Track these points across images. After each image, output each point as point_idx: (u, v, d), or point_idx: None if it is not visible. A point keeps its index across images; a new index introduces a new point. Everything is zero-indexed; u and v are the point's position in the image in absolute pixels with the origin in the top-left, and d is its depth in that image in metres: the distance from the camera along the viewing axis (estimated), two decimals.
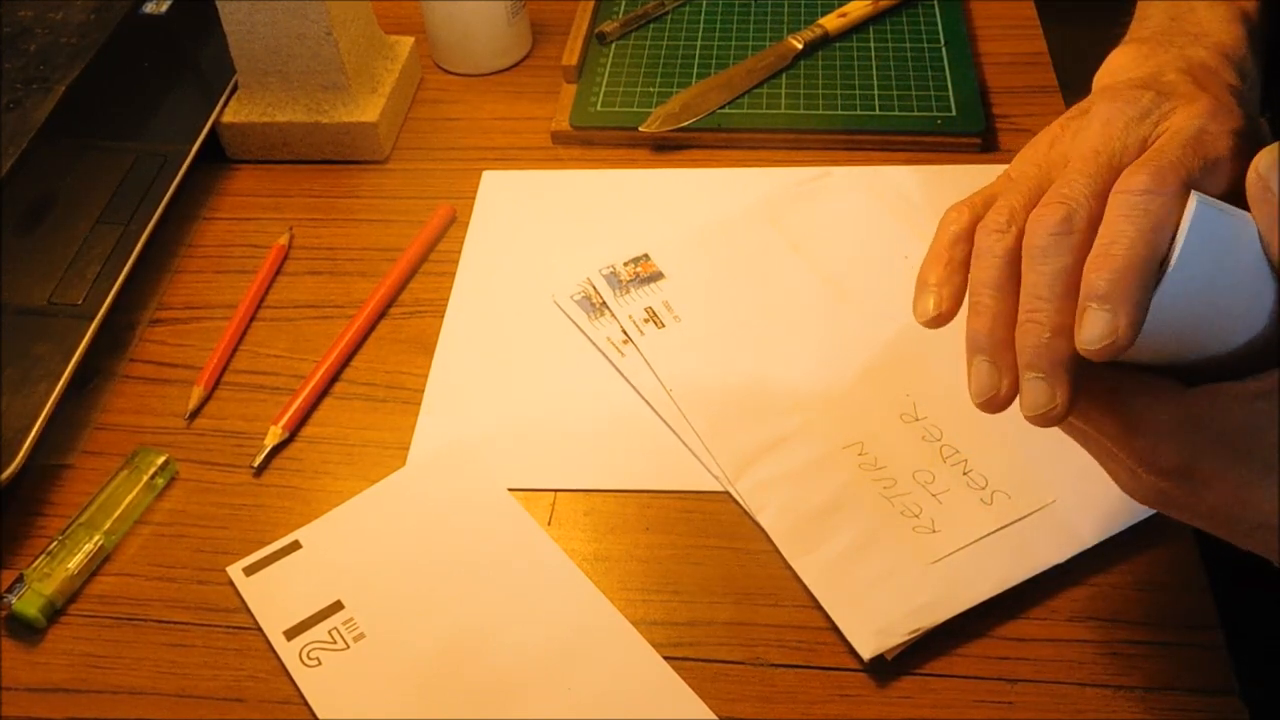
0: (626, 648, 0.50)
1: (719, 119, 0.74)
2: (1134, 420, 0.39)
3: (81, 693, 0.51)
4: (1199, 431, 0.38)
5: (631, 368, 0.61)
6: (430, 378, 0.62)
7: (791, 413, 0.58)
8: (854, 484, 0.54)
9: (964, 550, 0.52)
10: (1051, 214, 0.39)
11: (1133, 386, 0.39)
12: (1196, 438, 0.38)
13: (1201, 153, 0.38)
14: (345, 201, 0.73)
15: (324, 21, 0.71)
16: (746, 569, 0.53)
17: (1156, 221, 0.37)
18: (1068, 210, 0.39)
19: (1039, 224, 0.39)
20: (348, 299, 0.66)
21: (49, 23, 0.79)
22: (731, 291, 0.64)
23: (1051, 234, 0.38)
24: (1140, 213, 0.37)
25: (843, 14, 0.80)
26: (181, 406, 0.61)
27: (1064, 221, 0.38)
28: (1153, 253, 0.37)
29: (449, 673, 0.50)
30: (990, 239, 0.40)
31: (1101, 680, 0.48)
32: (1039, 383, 0.38)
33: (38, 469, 0.58)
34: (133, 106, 0.74)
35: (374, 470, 0.58)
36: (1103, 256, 0.37)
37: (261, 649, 0.51)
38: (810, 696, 0.48)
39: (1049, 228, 0.38)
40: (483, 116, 0.78)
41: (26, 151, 0.69)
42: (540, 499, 0.56)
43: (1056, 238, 0.38)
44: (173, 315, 0.66)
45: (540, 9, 0.85)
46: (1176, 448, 0.38)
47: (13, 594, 0.52)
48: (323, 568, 0.54)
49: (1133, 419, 0.39)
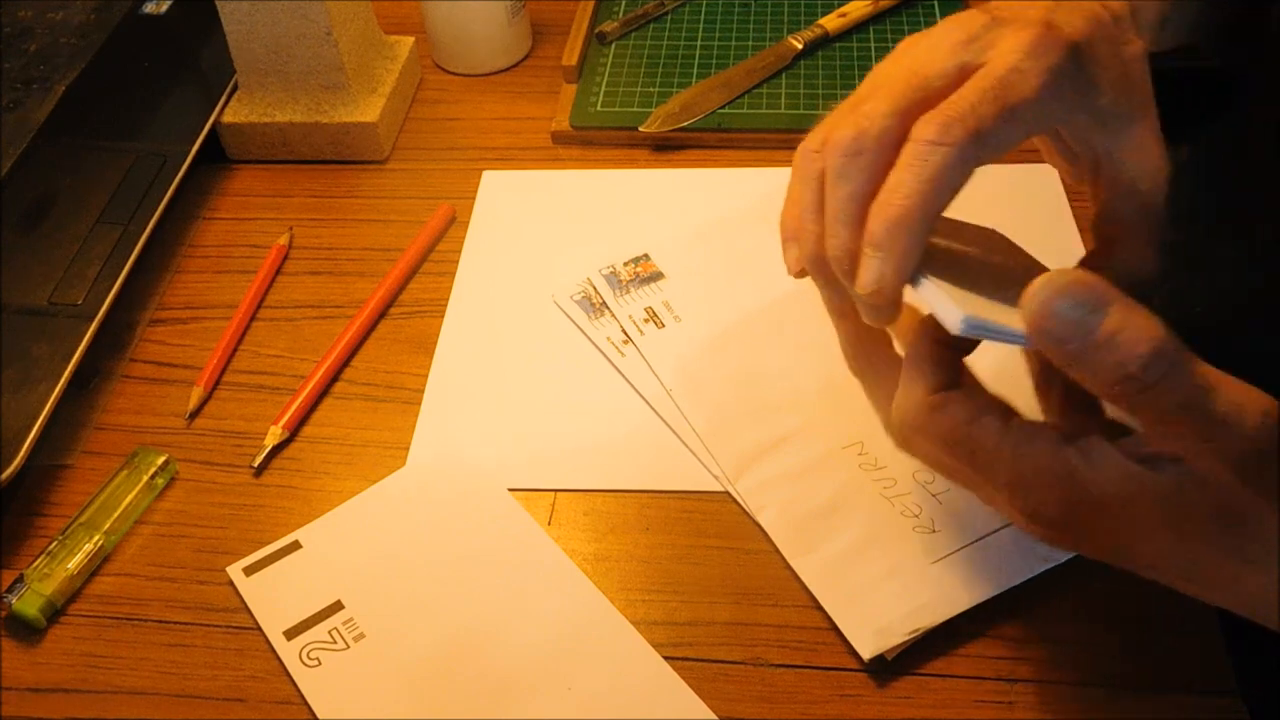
0: (626, 648, 0.50)
1: (719, 119, 0.74)
2: (1012, 471, 0.38)
3: (81, 693, 0.51)
4: (1075, 489, 0.37)
5: (631, 368, 0.61)
6: (430, 378, 0.62)
7: (791, 413, 0.58)
8: (854, 484, 0.54)
9: (964, 550, 0.52)
10: (841, 135, 0.40)
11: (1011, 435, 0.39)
12: (1073, 495, 0.37)
13: (1002, 99, 0.38)
14: (345, 201, 0.73)
15: (324, 21, 0.71)
16: (746, 569, 0.53)
17: (935, 172, 0.37)
18: (857, 131, 0.39)
19: (831, 146, 0.40)
20: (348, 299, 0.66)
21: (49, 23, 0.79)
22: (731, 291, 0.64)
23: (841, 155, 0.40)
24: (921, 163, 0.38)
25: (843, 14, 0.80)
26: (181, 406, 0.61)
27: (854, 141, 0.39)
28: (930, 204, 0.38)
29: (449, 673, 0.50)
30: (804, 161, 0.42)
31: (1101, 680, 0.48)
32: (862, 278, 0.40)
33: (38, 469, 0.59)
34: (133, 106, 0.74)
35: (374, 470, 0.58)
36: (882, 204, 0.38)
37: (261, 649, 0.51)
38: (810, 696, 0.48)
39: (838, 149, 0.40)
40: (483, 116, 0.78)
41: (26, 151, 0.69)
42: (540, 499, 0.56)
43: (846, 159, 0.39)
44: (173, 315, 0.67)
45: (540, 9, 0.85)
46: (1055, 502, 0.38)
47: (13, 594, 0.52)
48: (323, 568, 0.54)
49: (1012, 471, 0.38)
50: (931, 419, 0.40)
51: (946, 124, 0.38)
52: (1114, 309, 0.34)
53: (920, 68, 0.40)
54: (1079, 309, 0.34)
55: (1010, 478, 0.39)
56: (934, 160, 0.38)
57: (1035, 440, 0.38)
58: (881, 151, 0.39)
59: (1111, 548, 0.39)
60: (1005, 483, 0.39)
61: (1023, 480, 0.38)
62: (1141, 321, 0.34)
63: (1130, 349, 0.34)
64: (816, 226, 0.42)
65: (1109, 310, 0.34)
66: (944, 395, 0.40)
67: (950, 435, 0.40)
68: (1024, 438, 0.38)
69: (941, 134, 0.38)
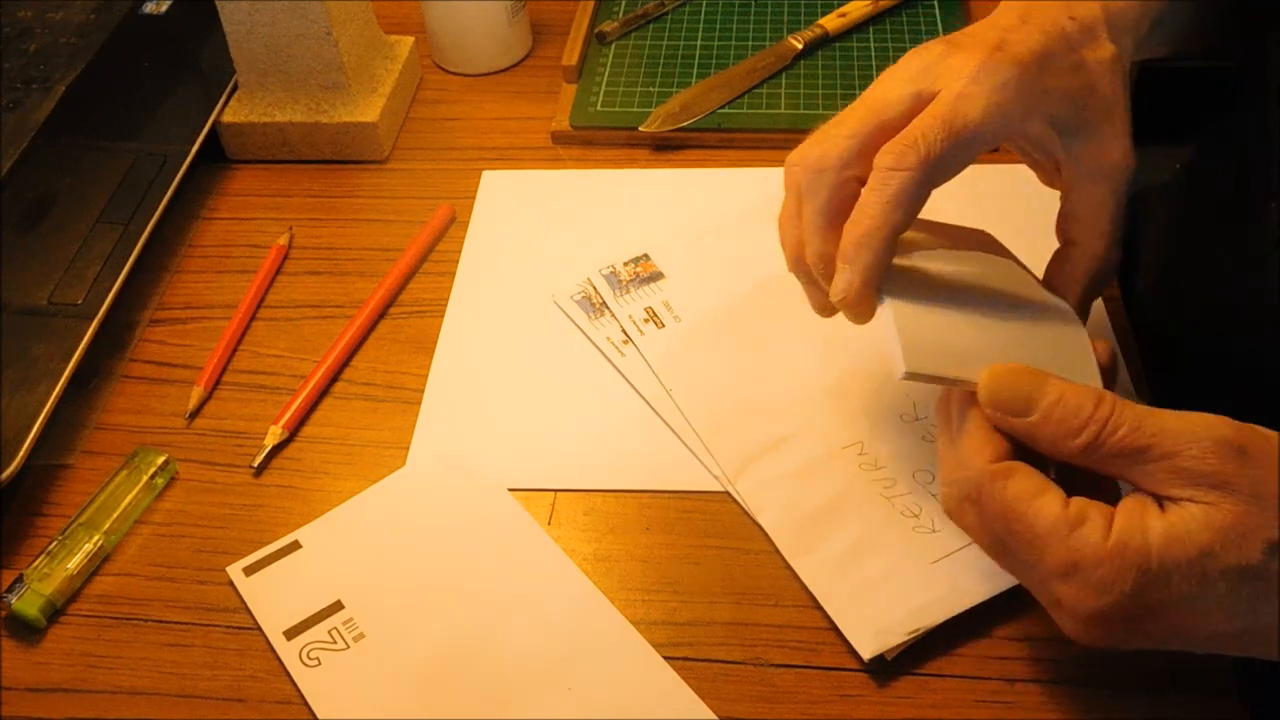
0: (626, 648, 0.50)
1: (719, 119, 0.74)
2: (1068, 554, 0.39)
3: (81, 693, 0.51)
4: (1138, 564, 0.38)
5: (631, 368, 0.61)
6: (430, 378, 0.62)
7: (791, 413, 0.58)
8: (854, 484, 0.54)
9: (964, 550, 0.52)
10: (808, 155, 0.46)
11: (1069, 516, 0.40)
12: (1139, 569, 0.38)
13: (949, 124, 0.43)
14: (345, 201, 0.73)
15: (324, 21, 0.71)
16: (746, 569, 0.53)
17: (894, 194, 0.43)
18: (821, 152, 0.46)
19: (801, 165, 0.47)
20: (348, 299, 0.66)
21: (49, 23, 0.79)
22: (731, 291, 0.64)
23: (807, 173, 0.46)
24: (882, 186, 0.43)
25: (843, 14, 0.80)
26: (181, 406, 0.61)
27: (818, 161, 0.46)
28: (891, 220, 0.43)
29: (449, 673, 0.50)
30: (787, 173, 0.48)
31: (1101, 680, 0.48)
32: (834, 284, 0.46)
33: (38, 469, 0.59)
34: (133, 106, 0.74)
35: (374, 470, 0.58)
36: (852, 222, 0.44)
37: (261, 649, 0.51)
38: (810, 696, 0.48)
39: (806, 167, 0.46)
40: (483, 116, 0.78)
41: (26, 151, 0.69)
42: (540, 499, 0.56)
43: (811, 176, 0.46)
44: (173, 315, 0.67)
45: (540, 9, 0.85)
46: (1116, 582, 0.39)
47: (13, 594, 0.52)
48: (323, 568, 0.54)
49: (1068, 553, 0.39)
50: (993, 488, 0.41)
51: (901, 153, 0.43)
52: (1052, 382, 0.41)
53: (880, 96, 0.46)
54: (1024, 385, 0.41)
55: (1065, 561, 0.39)
56: (893, 184, 0.43)
57: (1088, 521, 0.39)
58: (841, 170, 0.45)
59: (1186, 626, 0.39)
60: (1058, 567, 0.39)
61: (1080, 566, 0.39)
62: (1078, 389, 0.40)
63: (1074, 411, 0.40)
64: (795, 232, 0.48)
65: (1049, 383, 0.41)
66: (1009, 465, 0.41)
67: (1011, 510, 0.40)
68: (1078, 519, 0.39)
69: (897, 161, 0.43)
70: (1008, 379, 0.42)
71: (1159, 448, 0.39)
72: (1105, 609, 0.39)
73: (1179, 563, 0.38)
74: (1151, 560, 0.38)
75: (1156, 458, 0.39)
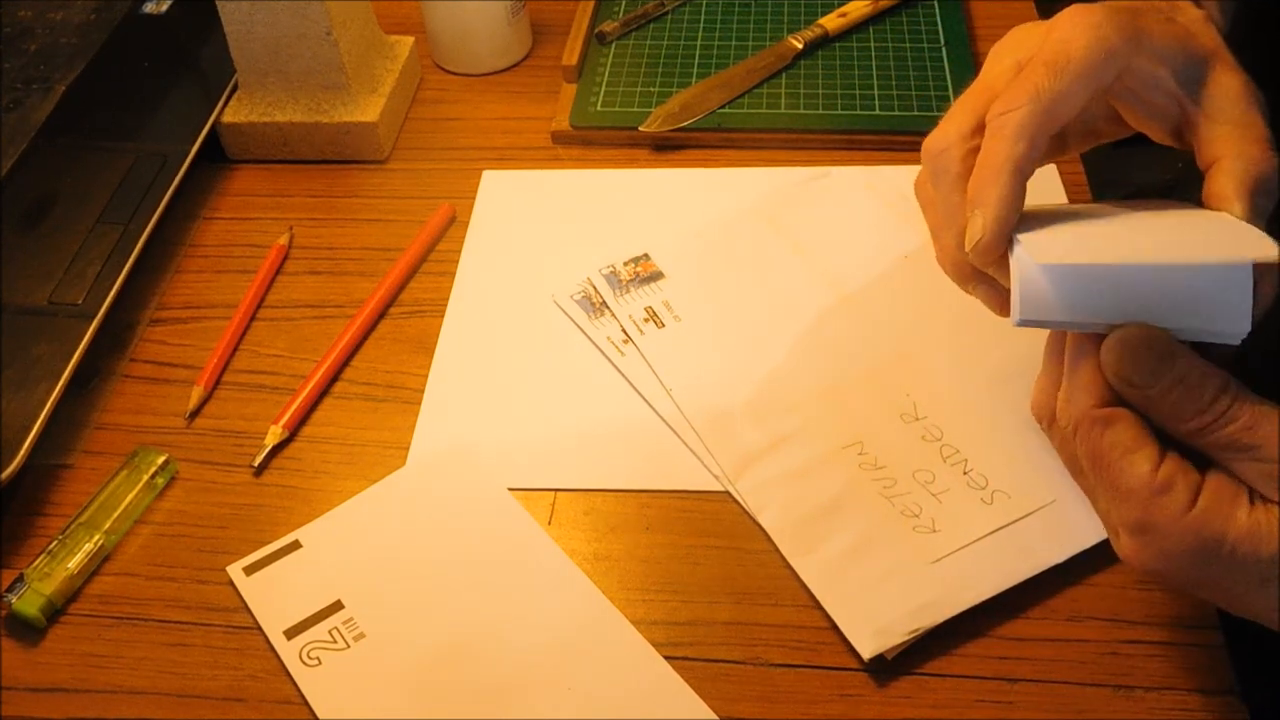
0: (626, 648, 0.50)
1: (719, 119, 0.74)
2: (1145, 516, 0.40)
3: (81, 693, 0.51)
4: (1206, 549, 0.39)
5: (631, 368, 0.61)
6: (430, 378, 0.62)
7: (791, 413, 0.58)
8: (854, 484, 0.54)
9: (964, 550, 0.52)
10: (930, 141, 0.47)
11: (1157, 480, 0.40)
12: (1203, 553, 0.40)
13: (1052, 63, 0.44)
14: (345, 201, 0.73)
15: (324, 21, 0.71)
16: (746, 569, 0.53)
17: (1014, 130, 0.43)
18: (940, 133, 0.47)
19: (925, 153, 0.47)
20: (348, 299, 0.66)
21: (49, 23, 0.79)
22: (731, 291, 0.64)
23: (932, 156, 0.47)
24: (998, 128, 0.44)
25: (843, 14, 0.80)
26: (181, 406, 0.61)
27: (940, 140, 0.47)
28: (1014, 153, 0.43)
29: (449, 673, 0.50)
30: (922, 157, 0.49)
31: (1101, 680, 0.48)
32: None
33: (38, 469, 0.58)
34: (133, 106, 0.74)
35: (374, 470, 0.58)
36: (977, 169, 0.44)
37: (261, 649, 0.51)
38: (810, 696, 0.48)
39: (929, 153, 0.47)
40: (483, 116, 0.78)
41: (26, 151, 0.69)
42: (540, 499, 0.56)
43: (937, 156, 0.47)
44: (173, 315, 0.67)
45: (540, 9, 0.85)
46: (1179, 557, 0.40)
47: (13, 594, 0.52)
48: (323, 567, 0.54)
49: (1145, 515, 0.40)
50: (1090, 432, 0.41)
51: (1010, 97, 0.44)
52: (1181, 357, 0.40)
53: (986, 73, 0.47)
54: (1152, 356, 0.40)
55: (1141, 520, 0.40)
56: (1009, 123, 0.43)
57: (1173, 490, 0.39)
58: (963, 143, 0.46)
59: (1226, 599, 0.41)
60: (1134, 520, 0.40)
61: (1154, 528, 0.40)
62: (1205, 365, 0.40)
63: (1193, 396, 0.39)
64: (936, 219, 0.49)
65: (1178, 358, 0.40)
66: (1111, 412, 0.41)
67: (1103, 458, 0.41)
68: (1164, 486, 0.40)
69: (1007, 104, 0.44)
70: (1133, 350, 0.40)
71: (1267, 450, 0.39)
72: (1162, 569, 0.40)
73: (1249, 559, 0.38)
74: (1224, 548, 0.39)
75: (1262, 459, 0.39)
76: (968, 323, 0.60)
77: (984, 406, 0.57)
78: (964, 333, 0.60)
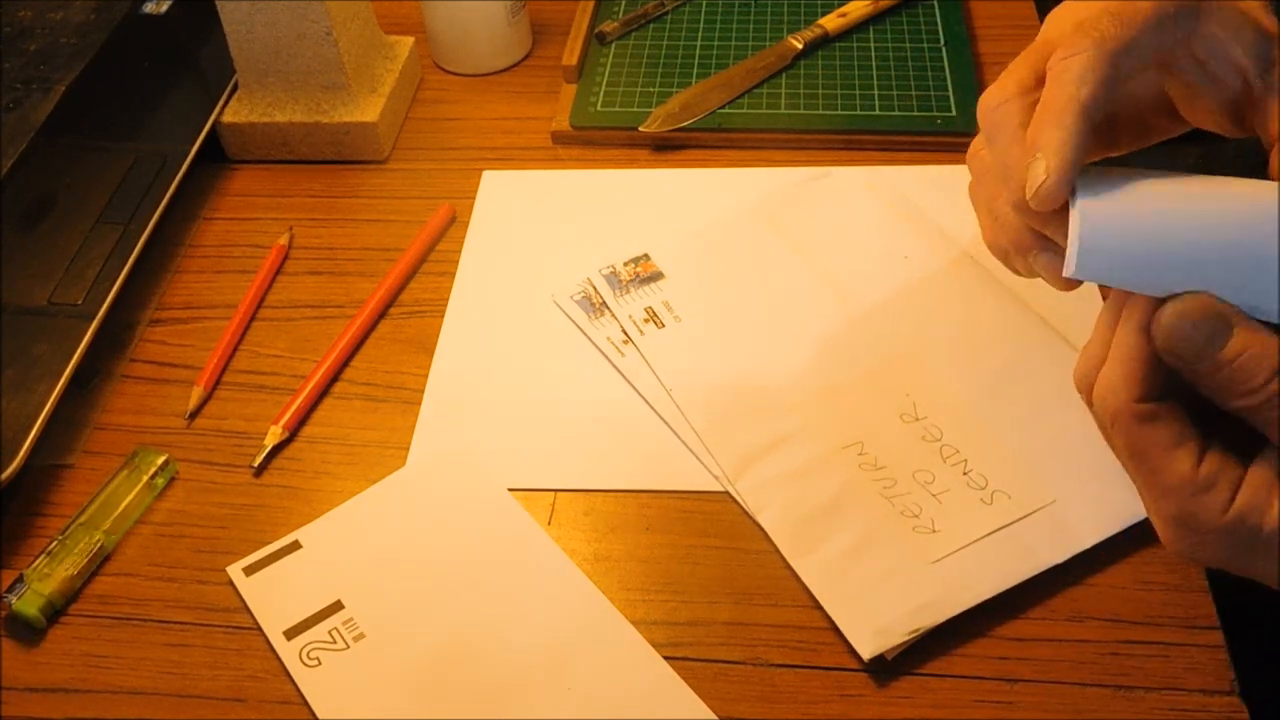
0: (626, 648, 0.50)
1: (719, 119, 0.74)
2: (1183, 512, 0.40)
3: (81, 693, 0.51)
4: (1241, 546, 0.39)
5: (631, 368, 0.61)
6: (430, 378, 0.62)
7: (791, 413, 0.58)
8: (854, 484, 0.54)
9: (964, 550, 0.52)
10: (987, 97, 0.45)
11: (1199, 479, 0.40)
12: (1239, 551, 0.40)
13: (1118, 13, 0.42)
14: (345, 201, 0.73)
15: (324, 21, 0.71)
16: (746, 569, 0.53)
17: (1077, 73, 0.41)
18: (999, 87, 0.44)
19: (981, 106, 0.45)
20: (348, 299, 0.66)
21: (49, 23, 0.79)
22: (731, 291, 0.64)
23: (989, 110, 0.44)
24: (1057, 74, 0.42)
25: (843, 14, 0.80)
26: (181, 406, 0.61)
27: (998, 93, 0.44)
28: (1078, 96, 0.41)
29: (449, 673, 0.50)
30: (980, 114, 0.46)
31: (1101, 680, 0.48)
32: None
33: (38, 469, 0.58)
34: (133, 106, 0.74)
35: (374, 470, 0.58)
36: (1038, 114, 0.42)
37: (261, 649, 0.51)
38: (810, 696, 0.48)
39: (988, 106, 0.44)
40: (483, 116, 0.78)
41: (26, 151, 0.69)
42: (540, 499, 0.56)
43: (994, 109, 0.44)
44: (173, 315, 0.67)
45: (540, 9, 0.85)
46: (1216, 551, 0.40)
47: (13, 594, 0.52)
48: (323, 568, 0.54)
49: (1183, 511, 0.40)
50: (1130, 427, 0.40)
51: (1072, 41, 0.42)
52: (1238, 331, 0.38)
53: (1045, 30, 0.45)
54: (1203, 331, 0.38)
55: (1179, 515, 0.39)
56: (1072, 67, 0.41)
57: (1215, 489, 0.39)
58: (1022, 96, 0.43)
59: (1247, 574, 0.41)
60: (1172, 515, 0.40)
61: (1193, 524, 0.39)
62: (1265, 342, 0.38)
63: (1248, 374, 0.37)
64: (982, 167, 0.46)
65: (1233, 333, 0.38)
66: (1153, 408, 0.40)
67: (1144, 453, 0.40)
68: (1206, 484, 0.39)
69: (1069, 49, 0.42)
70: (1189, 324, 0.38)
71: None
72: (1199, 559, 0.41)
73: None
74: (1260, 538, 0.38)
75: None
76: (968, 323, 0.60)
77: (984, 407, 0.57)
78: (964, 333, 0.60)
